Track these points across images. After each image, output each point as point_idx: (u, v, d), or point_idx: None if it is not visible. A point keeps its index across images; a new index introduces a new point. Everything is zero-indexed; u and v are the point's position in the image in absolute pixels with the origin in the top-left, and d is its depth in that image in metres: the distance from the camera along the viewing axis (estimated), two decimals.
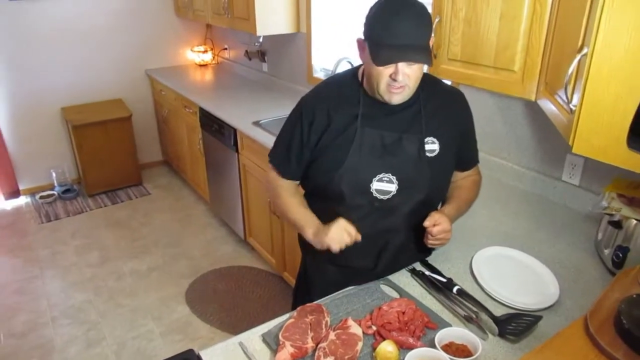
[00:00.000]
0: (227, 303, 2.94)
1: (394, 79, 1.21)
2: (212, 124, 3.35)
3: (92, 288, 3.11)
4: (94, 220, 3.96)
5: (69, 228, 3.84)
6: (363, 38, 1.25)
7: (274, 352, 1.16)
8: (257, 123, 2.94)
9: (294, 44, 3.45)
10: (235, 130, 3.03)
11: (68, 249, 3.55)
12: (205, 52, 4.70)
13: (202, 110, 3.48)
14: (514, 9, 1.46)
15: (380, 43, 1.18)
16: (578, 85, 1.08)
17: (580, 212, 1.81)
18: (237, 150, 3.08)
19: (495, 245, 1.58)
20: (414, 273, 1.45)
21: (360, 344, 1.15)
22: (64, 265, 3.35)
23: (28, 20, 3.96)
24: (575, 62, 1.09)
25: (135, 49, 4.50)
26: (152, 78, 4.54)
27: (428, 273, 1.44)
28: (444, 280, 1.39)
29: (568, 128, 1.13)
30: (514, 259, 1.52)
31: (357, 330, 1.19)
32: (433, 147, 1.35)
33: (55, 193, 4.30)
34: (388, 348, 1.11)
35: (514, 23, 1.47)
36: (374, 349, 1.14)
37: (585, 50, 1.04)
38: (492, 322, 1.22)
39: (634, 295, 1.00)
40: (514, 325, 1.21)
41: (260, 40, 3.83)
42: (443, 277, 1.41)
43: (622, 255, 1.37)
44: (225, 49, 4.57)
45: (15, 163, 4.25)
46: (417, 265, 1.50)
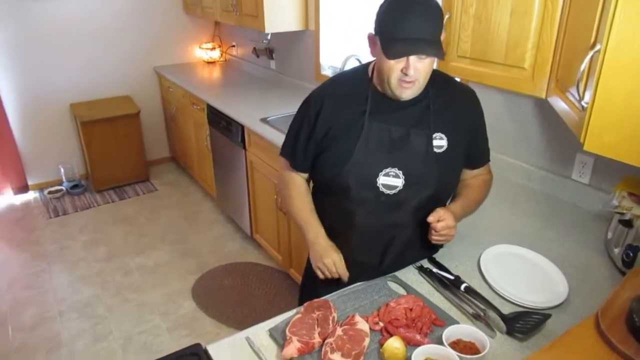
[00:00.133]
0: (233, 299, 2.94)
1: (405, 74, 1.21)
2: (219, 121, 3.35)
3: (99, 283, 3.13)
4: (102, 216, 3.98)
5: (77, 223, 3.87)
6: (374, 33, 1.25)
7: (281, 347, 1.16)
8: (264, 120, 2.95)
9: (302, 42, 3.45)
10: (243, 127, 3.03)
11: (76, 244, 3.58)
12: (213, 49, 4.71)
13: (209, 107, 3.48)
14: (525, 5, 1.45)
15: (392, 37, 1.18)
16: (590, 82, 1.07)
17: (590, 211, 1.79)
18: (244, 147, 3.09)
19: (504, 244, 1.57)
20: (422, 270, 1.45)
21: (368, 340, 1.15)
22: (72, 260, 3.37)
23: (38, 19, 3.99)
24: (588, 58, 1.08)
25: (144, 46, 4.51)
26: (160, 75, 4.55)
27: (436, 270, 1.43)
28: (452, 278, 1.39)
29: (579, 125, 1.12)
30: (523, 257, 1.51)
31: (364, 326, 1.19)
32: (441, 143, 1.35)
33: (64, 188, 4.33)
34: (395, 344, 1.11)
35: (525, 19, 1.46)
36: (381, 345, 1.14)
37: (598, 47, 1.03)
38: (500, 319, 1.21)
39: None
40: (522, 323, 1.20)
41: (269, 38, 3.83)
42: (451, 274, 1.40)
43: (632, 255, 1.36)
44: (233, 46, 4.58)
45: (24, 158, 4.28)
46: (424, 263, 1.49)
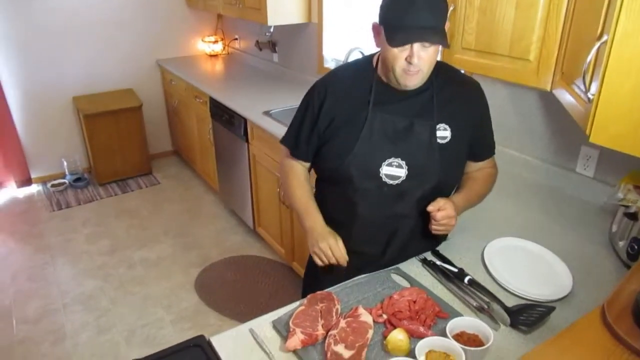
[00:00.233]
0: (236, 292, 2.95)
1: (409, 62, 1.21)
2: (222, 114, 3.35)
3: (102, 276, 3.14)
4: (105, 209, 3.99)
5: (80, 216, 3.88)
6: (378, 22, 1.25)
7: (285, 338, 1.16)
8: (267, 113, 2.94)
9: (305, 34, 3.43)
10: (246, 120, 3.02)
11: (79, 237, 3.59)
12: (216, 42, 4.70)
13: (212, 100, 3.48)
14: None
15: (396, 25, 1.18)
16: (597, 74, 1.06)
17: (594, 204, 1.78)
18: (247, 140, 3.08)
19: (508, 237, 1.57)
20: (425, 263, 1.45)
21: (371, 332, 1.15)
22: (75, 253, 3.38)
23: (41, 12, 3.98)
24: (594, 50, 1.07)
25: (146, 39, 4.50)
26: (162, 68, 4.54)
27: (439, 263, 1.43)
28: (456, 270, 1.38)
29: (585, 117, 1.11)
30: (527, 250, 1.50)
31: (367, 319, 1.19)
32: (445, 134, 1.34)
33: (67, 181, 4.33)
34: (399, 336, 1.11)
35: (530, 11, 1.44)
36: (385, 337, 1.14)
37: (605, 38, 1.02)
38: (503, 312, 1.21)
39: None
40: (526, 316, 1.20)
41: (271, 31, 3.81)
42: (454, 267, 1.40)
43: (637, 247, 1.35)
44: (236, 40, 4.56)
45: (27, 152, 4.29)
46: (428, 255, 1.49)
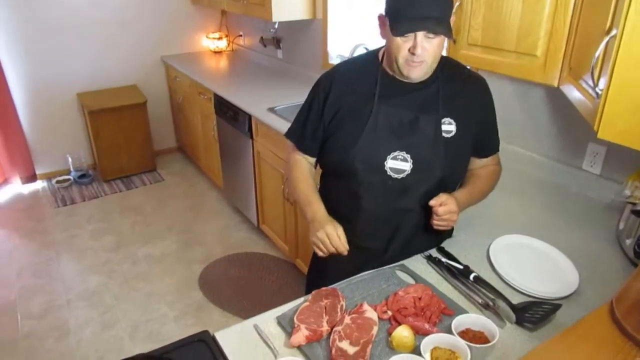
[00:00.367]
0: (239, 289, 2.95)
1: (413, 53, 1.21)
2: (226, 111, 3.34)
3: (106, 272, 3.14)
4: (109, 205, 4.00)
5: (85, 212, 3.89)
6: (384, 14, 1.25)
7: (289, 334, 1.16)
8: (272, 109, 2.93)
9: (310, 31, 3.42)
10: (250, 117, 3.02)
11: (83, 233, 3.60)
12: (220, 39, 4.69)
13: (216, 97, 3.47)
14: None
15: (400, 15, 1.19)
16: (605, 69, 1.05)
17: (601, 201, 1.77)
18: (251, 137, 3.08)
19: (513, 234, 1.56)
20: (430, 259, 1.44)
21: (376, 329, 1.15)
22: (80, 249, 3.39)
23: (45, 7, 3.98)
24: (603, 44, 1.06)
25: (151, 36, 4.50)
26: (167, 64, 4.54)
27: (444, 260, 1.42)
28: (461, 267, 1.38)
29: (593, 113, 1.10)
30: (533, 247, 1.49)
31: (372, 315, 1.18)
32: (450, 128, 1.34)
33: (71, 178, 4.34)
34: (404, 333, 1.11)
35: (538, 6, 1.43)
36: (390, 334, 1.14)
37: (614, 32, 1.01)
38: (509, 309, 1.20)
39: None
40: (532, 313, 1.19)
41: (276, 27, 3.80)
42: (460, 264, 1.39)
43: None
44: (240, 36, 4.56)
45: (32, 148, 4.30)
46: (433, 252, 1.48)
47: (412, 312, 1.19)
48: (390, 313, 1.20)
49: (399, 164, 1.33)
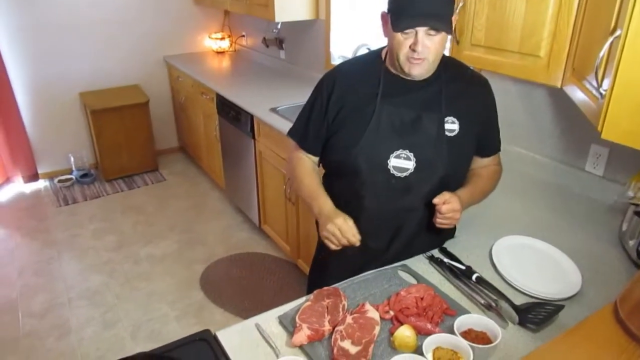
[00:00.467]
0: (241, 289, 2.95)
1: (414, 49, 1.22)
2: (228, 111, 3.34)
3: (108, 271, 3.14)
4: (111, 205, 4.00)
5: (86, 212, 3.89)
6: (387, 12, 1.26)
7: (291, 334, 1.15)
8: (274, 110, 2.93)
9: (313, 31, 3.42)
10: (252, 117, 3.02)
11: (85, 233, 3.60)
12: (223, 39, 4.69)
13: (219, 97, 3.48)
14: None
15: (402, 11, 1.20)
16: (609, 69, 1.05)
17: (604, 203, 1.76)
18: (253, 137, 3.08)
19: (516, 235, 1.55)
20: (432, 260, 1.44)
21: (378, 328, 1.14)
22: (81, 249, 3.39)
23: (48, 7, 3.99)
24: (607, 44, 1.05)
25: (153, 36, 4.50)
26: (169, 64, 4.55)
27: (447, 260, 1.42)
28: (463, 268, 1.37)
29: (597, 113, 1.10)
30: (535, 248, 1.49)
31: (374, 315, 1.18)
32: (453, 127, 1.34)
33: (73, 177, 4.35)
34: (406, 333, 1.10)
35: (541, 6, 1.43)
36: (392, 334, 1.13)
37: (619, 32, 1.00)
38: (512, 310, 1.20)
39: None
40: (534, 314, 1.19)
41: (278, 27, 3.80)
42: (462, 264, 1.39)
43: None
44: (243, 36, 4.56)
45: (34, 147, 4.30)
46: (435, 253, 1.48)
47: (414, 312, 1.18)
48: (393, 313, 1.20)
49: (402, 163, 1.33)
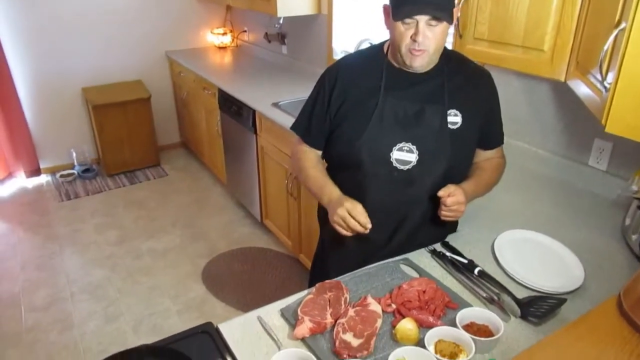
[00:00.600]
0: (243, 283, 2.95)
1: (415, 40, 1.22)
2: (230, 106, 3.34)
3: (110, 266, 3.15)
4: (113, 200, 4.00)
5: (89, 207, 3.90)
6: (388, 3, 1.26)
7: (293, 326, 1.15)
8: (276, 105, 2.93)
9: (315, 26, 3.41)
10: (254, 112, 3.02)
11: (87, 227, 3.60)
12: (225, 34, 4.69)
13: (221, 92, 3.47)
14: None
15: (402, 1, 1.20)
16: (614, 62, 1.05)
17: (607, 197, 1.76)
18: (255, 132, 3.08)
19: (518, 229, 1.55)
20: (435, 254, 1.44)
21: (380, 321, 1.14)
22: (83, 243, 3.40)
23: (50, 2, 3.98)
24: (612, 38, 1.05)
25: (155, 31, 4.50)
26: (171, 60, 4.54)
27: (449, 254, 1.42)
28: (465, 262, 1.37)
29: (601, 107, 1.10)
30: (538, 242, 1.49)
31: (376, 308, 1.18)
32: (456, 119, 1.34)
33: (75, 172, 4.35)
34: (408, 325, 1.10)
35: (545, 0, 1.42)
36: (394, 327, 1.13)
37: (623, 25, 1.00)
38: (514, 303, 1.20)
39: None
40: (537, 307, 1.19)
41: (280, 22, 3.79)
42: (464, 258, 1.39)
43: None
44: (245, 32, 4.55)
45: (37, 142, 4.31)
46: (437, 246, 1.48)
47: (416, 305, 1.18)
48: (395, 306, 1.20)
49: (405, 155, 1.33)
